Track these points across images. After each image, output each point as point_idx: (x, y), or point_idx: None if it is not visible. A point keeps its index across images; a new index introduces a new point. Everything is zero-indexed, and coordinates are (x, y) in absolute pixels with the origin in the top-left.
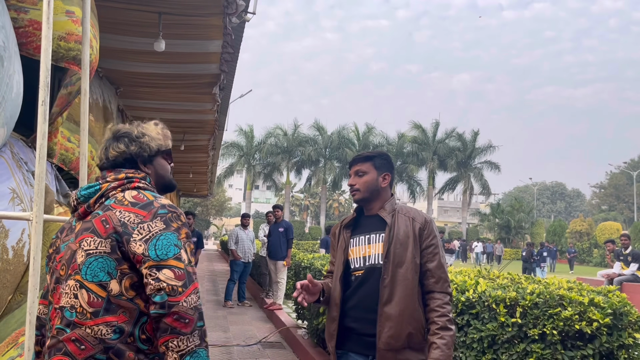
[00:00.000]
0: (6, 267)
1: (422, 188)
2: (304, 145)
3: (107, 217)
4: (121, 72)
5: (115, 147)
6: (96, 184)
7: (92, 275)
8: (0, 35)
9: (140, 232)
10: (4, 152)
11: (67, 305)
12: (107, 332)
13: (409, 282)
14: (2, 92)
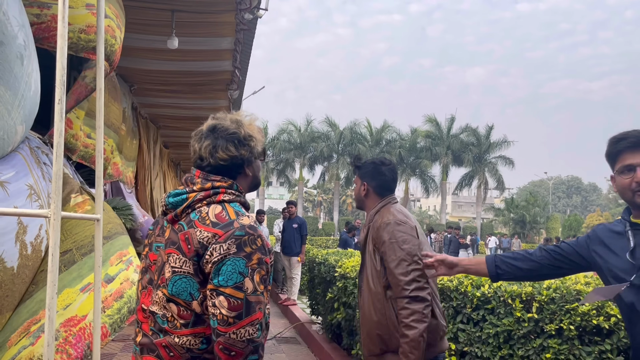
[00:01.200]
0: (25, 263)
1: (435, 183)
2: (317, 141)
3: (190, 235)
4: (135, 70)
5: (226, 150)
6: (183, 192)
7: (176, 292)
8: (21, 34)
9: (212, 252)
10: (21, 148)
11: (159, 313)
12: (196, 342)
13: (372, 290)
14: (22, 90)
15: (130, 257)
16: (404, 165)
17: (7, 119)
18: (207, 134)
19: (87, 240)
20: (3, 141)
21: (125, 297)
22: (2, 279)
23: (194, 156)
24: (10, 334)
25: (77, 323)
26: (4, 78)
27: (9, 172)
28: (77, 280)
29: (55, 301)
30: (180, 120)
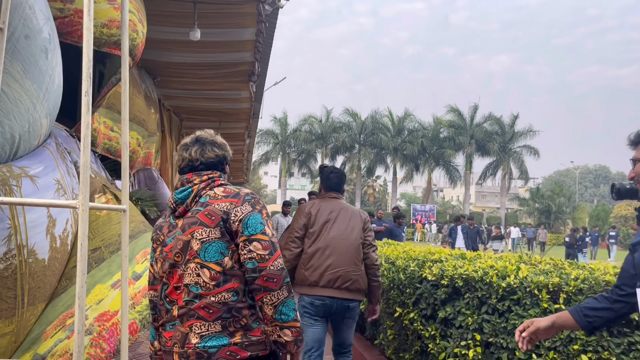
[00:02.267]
0: (55, 255)
1: (459, 173)
2: (338, 132)
3: (210, 211)
4: (158, 62)
5: (212, 150)
6: (187, 188)
7: (210, 257)
8: (46, 28)
9: (236, 214)
10: (49, 144)
11: (192, 282)
12: (229, 296)
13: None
14: (46, 83)
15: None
16: (427, 155)
17: (32, 112)
18: (194, 143)
19: (114, 239)
20: (29, 134)
21: None
22: (34, 270)
23: (184, 162)
24: (46, 326)
25: (109, 318)
26: (29, 71)
27: (38, 166)
28: (107, 277)
29: (85, 290)
30: (202, 112)
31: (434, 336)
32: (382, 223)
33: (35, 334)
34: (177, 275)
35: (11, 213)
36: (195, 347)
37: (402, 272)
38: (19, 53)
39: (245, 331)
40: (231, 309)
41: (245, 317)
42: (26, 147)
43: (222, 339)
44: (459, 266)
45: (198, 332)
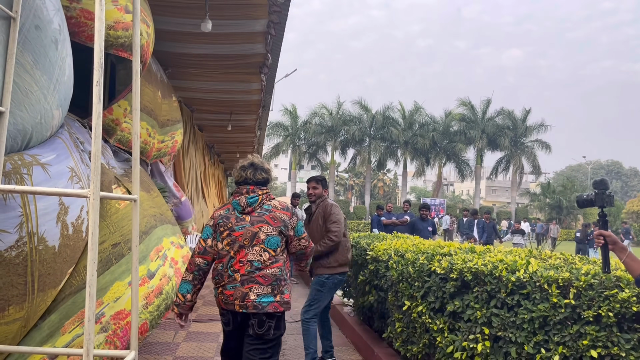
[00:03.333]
0: (66, 243)
1: (470, 167)
2: (349, 125)
3: (274, 216)
4: (169, 54)
5: (260, 174)
6: (254, 196)
7: (270, 245)
8: (57, 19)
9: (291, 224)
10: (61, 133)
11: (254, 259)
12: (276, 271)
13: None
14: (57, 74)
15: (165, 251)
16: (438, 149)
17: (43, 104)
18: (249, 166)
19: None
20: (41, 126)
21: (163, 294)
22: (44, 258)
23: (241, 178)
24: (65, 320)
25: (125, 316)
26: (40, 62)
27: (49, 155)
28: (126, 274)
29: (95, 278)
30: (213, 104)
31: (442, 329)
32: (392, 216)
33: (54, 327)
34: (244, 254)
35: (22, 201)
36: (254, 301)
37: (411, 265)
38: (30, 44)
39: (282, 295)
40: (277, 279)
41: (282, 286)
42: (38, 138)
43: (270, 297)
44: (468, 260)
45: (256, 292)
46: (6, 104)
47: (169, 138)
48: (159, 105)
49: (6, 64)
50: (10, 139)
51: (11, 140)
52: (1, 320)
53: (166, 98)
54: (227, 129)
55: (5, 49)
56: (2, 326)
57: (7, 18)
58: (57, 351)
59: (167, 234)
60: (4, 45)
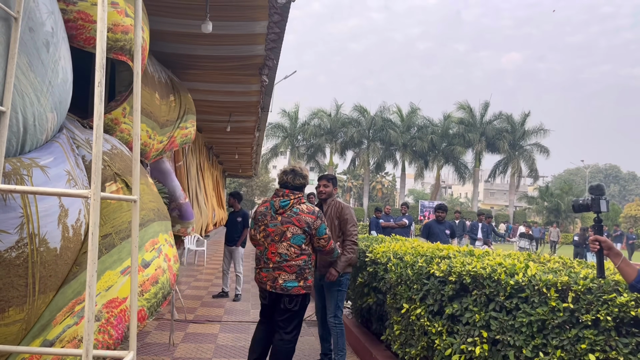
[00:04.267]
0: (67, 245)
1: (469, 170)
2: (347, 127)
3: (299, 219)
4: (169, 55)
5: (299, 179)
6: (287, 200)
7: (295, 242)
8: (50, 22)
9: (313, 224)
10: (58, 137)
11: (283, 252)
12: (301, 262)
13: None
14: (49, 77)
15: (160, 245)
16: (436, 152)
17: (37, 106)
18: (290, 172)
19: (125, 226)
20: (35, 128)
21: (159, 283)
22: (45, 259)
23: (282, 181)
24: (56, 312)
25: (118, 305)
26: (33, 64)
27: (47, 157)
28: (117, 263)
29: (95, 278)
30: (212, 105)
31: (441, 332)
32: (390, 219)
33: (45, 321)
34: (274, 247)
35: (23, 202)
36: (281, 285)
37: (410, 267)
38: (25, 45)
39: (305, 281)
40: (300, 269)
41: (306, 274)
42: (33, 141)
43: (294, 283)
44: (467, 263)
45: (283, 278)
46: (7, 104)
47: (166, 138)
48: (158, 107)
49: (7, 65)
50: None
51: (7, 143)
52: (1, 322)
53: (164, 99)
54: (227, 130)
55: (6, 50)
56: (2, 327)
57: (7, 19)
58: (57, 352)
59: (162, 231)
60: (5, 46)
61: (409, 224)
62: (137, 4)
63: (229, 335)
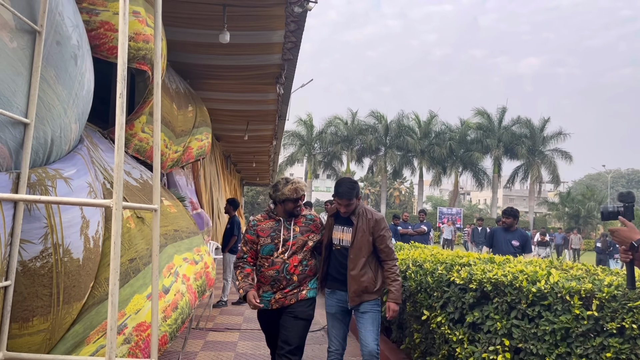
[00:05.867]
0: (89, 256)
1: (487, 176)
2: (364, 134)
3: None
4: (188, 65)
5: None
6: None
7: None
8: (75, 35)
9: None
10: (80, 149)
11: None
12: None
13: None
14: (76, 89)
15: (176, 268)
16: (454, 158)
17: (63, 118)
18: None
19: (145, 252)
20: (60, 139)
21: (179, 308)
22: (69, 269)
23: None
24: (89, 331)
25: (146, 329)
26: (61, 77)
27: (71, 169)
28: (143, 288)
29: (117, 287)
30: (230, 114)
31: (462, 340)
32: (408, 226)
33: (79, 338)
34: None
35: (47, 212)
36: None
37: (430, 275)
38: (52, 59)
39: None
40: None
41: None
42: (58, 152)
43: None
44: (487, 270)
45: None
46: (31, 116)
47: (182, 148)
48: (175, 117)
49: (31, 78)
50: (32, 152)
51: (34, 154)
52: (25, 331)
53: (181, 109)
54: (244, 138)
55: (31, 63)
56: (26, 337)
57: (32, 32)
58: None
59: (179, 251)
60: (30, 60)
61: (427, 231)
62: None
63: (249, 344)
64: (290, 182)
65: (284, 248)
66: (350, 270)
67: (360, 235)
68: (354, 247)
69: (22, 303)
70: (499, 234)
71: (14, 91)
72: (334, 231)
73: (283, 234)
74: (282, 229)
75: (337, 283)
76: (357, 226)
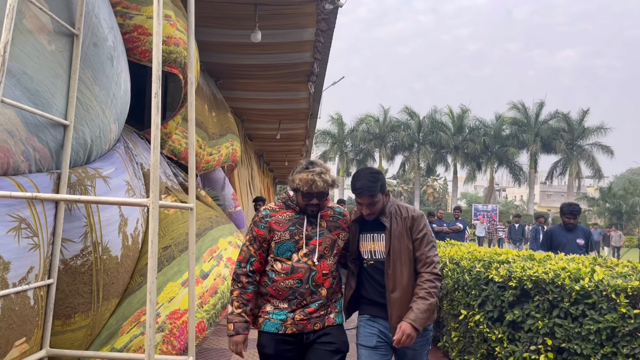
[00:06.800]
0: (127, 253)
1: (524, 172)
2: (397, 131)
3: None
4: (220, 65)
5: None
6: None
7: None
8: (111, 36)
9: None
10: (118, 147)
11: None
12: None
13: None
14: (113, 89)
15: (220, 252)
16: (489, 154)
17: (102, 118)
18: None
19: (182, 238)
20: (100, 139)
21: (219, 293)
22: (108, 267)
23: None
24: (122, 322)
25: (180, 316)
26: (98, 78)
27: (109, 168)
28: (177, 275)
29: (155, 285)
30: (262, 113)
31: (501, 339)
32: (443, 223)
33: (112, 329)
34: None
35: (86, 211)
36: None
37: (467, 273)
38: (89, 60)
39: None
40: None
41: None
42: (98, 151)
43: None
44: (527, 267)
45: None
46: (70, 118)
47: (216, 151)
48: (207, 118)
49: (70, 80)
50: (72, 152)
51: (74, 154)
52: (67, 328)
53: (213, 111)
54: (276, 137)
55: (69, 65)
56: (69, 333)
57: (70, 35)
58: (122, 356)
59: (223, 234)
60: (68, 62)
61: (463, 228)
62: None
63: None
64: (311, 169)
65: (308, 249)
66: (390, 292)
67: (397, 242)
68: (391, 259)
69: (64, 300)
70: (560, 234)
71: (53, 93)
72: (362, 242)
73: (306, 229)
74: (304, 222)
75: (377, 308)
76: (391, 230)
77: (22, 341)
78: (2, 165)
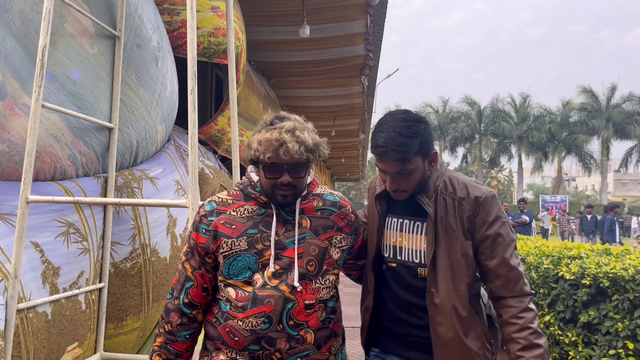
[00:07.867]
0: (176, 254)
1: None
2: (457, 122)
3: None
4: (271, 64)
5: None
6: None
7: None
8: (155, 36)
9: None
10: (167, 147)
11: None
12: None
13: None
14: (158, 90)
15: None
16: (556, 142)
17: (147, 119)
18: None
19: None
20: (146, 141)
21: None
22: (157, 269)
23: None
24: None
25: None
26: (142, 79)
27: (157, 169)
28: None
29: None
30: (316, 110)
31: (576, 343)
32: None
33: None
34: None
35: (134, 214)
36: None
37: (535, 270)
38: (133, 62)
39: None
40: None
41: None
42: (144, 153)
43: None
44: (603, 263)
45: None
46: (115, 121)
47: None
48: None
49: (113, 82)
50: (119, 155)
51: (120, 157)
52: (120, 330)
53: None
54: (331, 134)
55: (112, 68)
56: (121, 336)
57: (112, 37)
58: None
59: None
60: (111, 64)
61: (529, 221)
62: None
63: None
64: (278, 125)
65: (279, 265)
66: (436, 325)
67: (446, 239)
68: (437, 269)
69: (116, 303)
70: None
71: (97, 96)
72: (386, 229)
73: (277, 233)
74: (273, 221)
75: (399, 342)
76: (436, 219)
77: (74, 346)
78: (49, 170)
